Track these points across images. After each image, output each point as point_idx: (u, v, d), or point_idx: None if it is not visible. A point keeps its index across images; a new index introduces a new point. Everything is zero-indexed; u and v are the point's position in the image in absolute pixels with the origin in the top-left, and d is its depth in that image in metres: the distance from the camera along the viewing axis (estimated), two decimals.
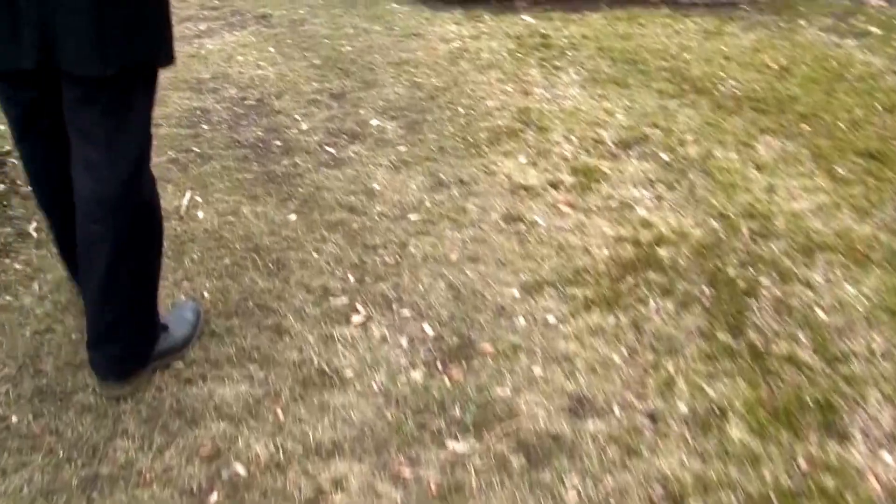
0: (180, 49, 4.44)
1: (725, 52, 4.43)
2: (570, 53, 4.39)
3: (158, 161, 3.11)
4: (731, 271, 2.54)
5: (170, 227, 2.63)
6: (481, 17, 4.93)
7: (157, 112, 2.56)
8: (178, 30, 4.69)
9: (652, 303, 2.39)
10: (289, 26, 4.69)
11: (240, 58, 4.21)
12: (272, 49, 4.33)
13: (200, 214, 2.76)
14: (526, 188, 3.01)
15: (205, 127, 3.45)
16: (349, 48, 4.35)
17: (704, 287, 2.47)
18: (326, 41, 4.45)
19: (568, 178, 3.09)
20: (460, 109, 3.64)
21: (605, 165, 3.21)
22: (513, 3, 5.23)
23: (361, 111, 3.60)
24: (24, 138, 1.87)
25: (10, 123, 1.86)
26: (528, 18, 4.97)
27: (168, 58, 1.78)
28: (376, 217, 2.77)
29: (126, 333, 1.94)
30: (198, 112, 3.58)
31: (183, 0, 5.18)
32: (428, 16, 4.89)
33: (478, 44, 4.46)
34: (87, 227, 1.81)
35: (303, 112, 3.59)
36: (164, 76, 2.18)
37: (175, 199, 2.84)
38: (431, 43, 4.45)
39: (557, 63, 4.26)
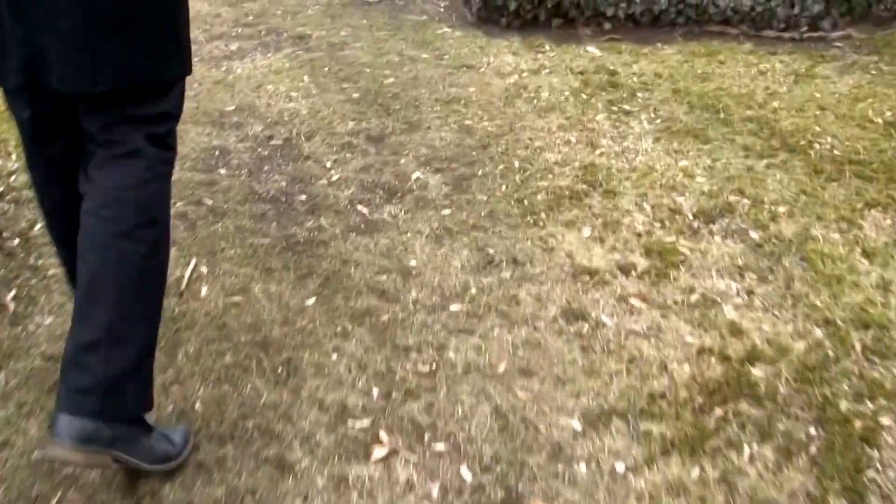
0: (206, 73, 4.10)
1: (819, 101, 3.92)
2: (641, 95, 3.92)
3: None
4: (844, 405, 2.07)
5: (168, 306, 2.23)
6: (542, 46, 4.49)
7: None
8: (206, 49, 4.35)
9: (746, 448, 1.93)
10: (327, 50, 4.29)
11: (270, 86, 3.82)
12: (307, 77, 3.93)
13: (204, 291, 2.36)
14: (591, 272, 2.56)
15: (222, 172, 3.06)
16: (392, 80, 3.94)
17: (811, 428, 2.00)
18: (367, 70, 4.04)
19: (640, 261, 2.64)
20: (515, 163, 3.20)
21: (683, 244, 2.75)
22: (576, 31, 4.77)
23: (402, 160, 3.18)
24: (50, 177, 1.81)
25: (36, 161, 1.80)
26: (593, 50, 4.51)
27: (184, 70, 1.73)
28: (411, 306, 2.34)
29: (126, 382, 1.66)
30: (217, 153, 3.19)
31: (217, 16, 4.81)
32: (482, 43, 4.46)
33: (537, 80, 4.02)
34: (103, 261, 1.70)
35: (335, 158, 3.18)
36: (185, 107, 1.82)
37: (178, 267, 2.45)
38: (485, 77, 4.01)
39: (627, 107, 3.80)
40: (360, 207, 2.84)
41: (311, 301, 2.33)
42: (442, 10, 5.00)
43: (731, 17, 4.78)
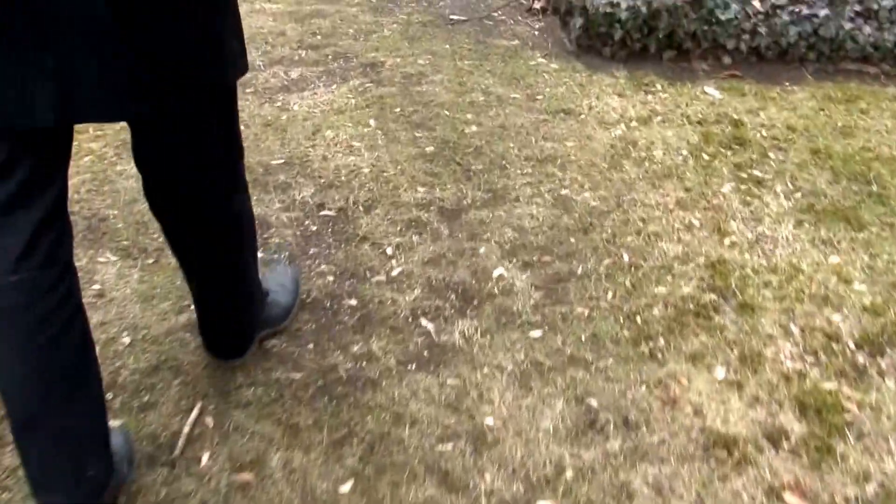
0: (257, 111, 3.53)
1: None
2: (774, 157, 3.21)
3: (176, 320, 2.16)
4: None
5: (154, 480, 1.66)
6: (652, 84, 3.78)
7: None
8: (263, 78, 3.76)
9: None
10: (401, 84, 3.67)
11: (329, 132, 3.24)
12: (373, 121, 3.33)
13: (205, 459, 1.78)
14: (728, 444, 1.90)
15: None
16: (475, 128, 3.30)
17: None
18: (446, 113, 3.42)
19: (793, 424, 1.97)
20: (625, 255, 2.55)
21: (848, 394, 2.07)
22: (691, 65, 4.04)
23: (481, 247, 2.55)
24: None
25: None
26: (712, 91, 3.78)
27: (239, 70, 1.60)
28: (483, 500, 1.71)
29: (238, 324, 2.03)
30: None
31: (280, 34, 4.24)
32: (583, 80, 3.78)
33: (648, 132, 3.33)
34: (195, 247, 1.81)
35: (398, 241, 2.58)
36: None
37: (176, 412, 1.88)
38: (586, 127, 3.34)
39: (758, 173, 3.09)
40: (424, 322, 2.23)
41: (345, 487, 1.72)
42: (536, 33, 4.34)
43: (870, 53, 3.99)
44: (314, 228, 2.66)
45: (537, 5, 4.63)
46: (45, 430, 1.43)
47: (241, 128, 1.84)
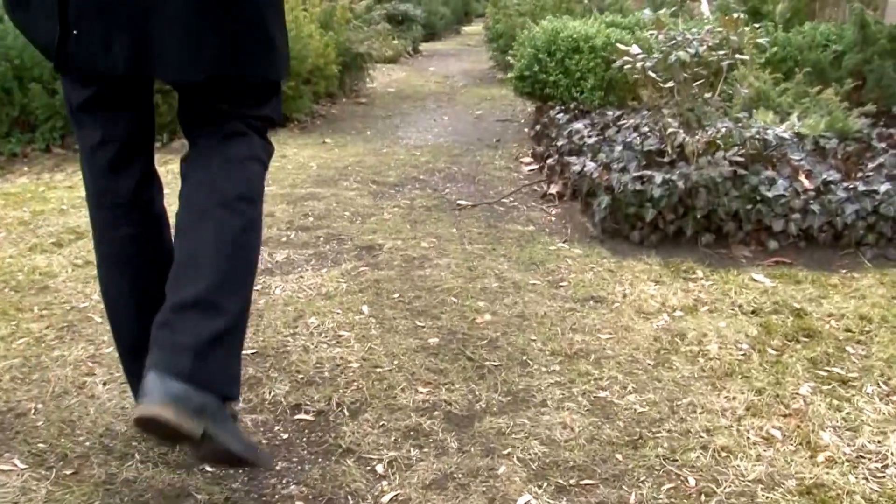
0: None
1: None
2: (853, 351, 2.67)
3: None
4: None
5: None
6: (691, 271, 3.31)
7: None
8: None
9: None
10: (400, 268, 3.22)
11: (313, 319, 2.73)
12: (366, 308, 2.83)
13: None
14: None
15: (205, 475, 1.88)
16: (488, 317, 2.80)
17: None
18: (453, 300, 2.93)
19: None
20: (689, 478, 1.95)
21: None
22: (730, 251, 3.59)
23: (500, 466, 1.97)
24: (103, 177, 1.84)
25: (91, 155, 1.82)
26: (762, 279, 3.30)
27: (284, 73, 1.80)
28: None
29: (219, 353, 1.66)
30: None
31: (269, 216, 3.85)
32: (612, 266, 3.32)
33: (697, 323, 2.81)
34: (204, 229, 1.72)
35: (391, 457, 1.99)
36: None
37: None
38: (622, 317, 2.84)
39: (840, 370, 2.54)
40: None
41: None
42: (553, 218, 3.95)
43: None
44: (285, 436, 2.09)
45: (553, 190, 4.28)
46: (146, 352, 1.59)
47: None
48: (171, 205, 1.87)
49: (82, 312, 2.82)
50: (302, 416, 2.19)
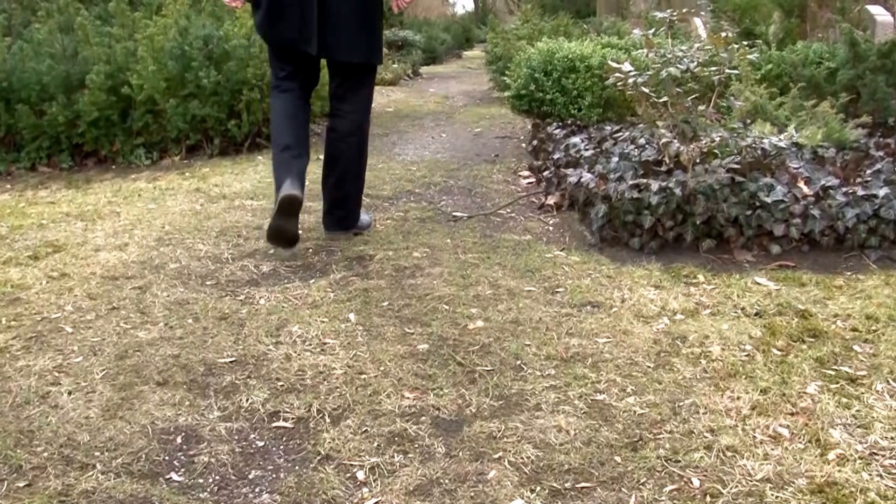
0: (214, 302, 2.90)
1: None
2: (861, 350, 2.51)
3: None
4: None
5: None
6: (693, 276, 3.15)
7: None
8: (229, 270, 3.13)
9: None
10: (391, 277, 3.06)
11: (296, 328, 2.58)
12: (353, 316, 2.68)
13: None
14: None
15: (173, 480, 1.72)
16: (481, 323, 2.64)
17: None
18: (445, 307, 2.77)
19: None
20: (693, 478, 1.79)
21: None
22: (733, 256, 3.43)
23: (491, 470, 1.80)
24: (293, 96, 3.42)
25: (285, 83, 3.42)
26: (765, 282, 3.14)
27: (380, 60, 3.51)
28: None
29: (348, 205, 3.55)
30: (178, 440, 1.91)
31: (257, 228, 3.71)
32: (610, 272, 3.16)
33: (699, 326, 2.65)
34: (337, 145, 3.47)
35: (373, 462, 1.83)
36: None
37: None
38: (621, 321, 2.67)
39: (848, 369, 2.38)
40: None
41: None
42: (551, 228, 3.79)
43: None
44: (260, 444, 1.93)
45: (551, 201, 4.13)
46: (290, 153, 3.29)
47: (190, 321, 2.66)
48: (165, 213, 1.71)
49: (53, 323, 2.67)
50: (280, 423, 2.03)
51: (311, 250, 3.42)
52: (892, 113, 5.15)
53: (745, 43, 4.16)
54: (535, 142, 5.34)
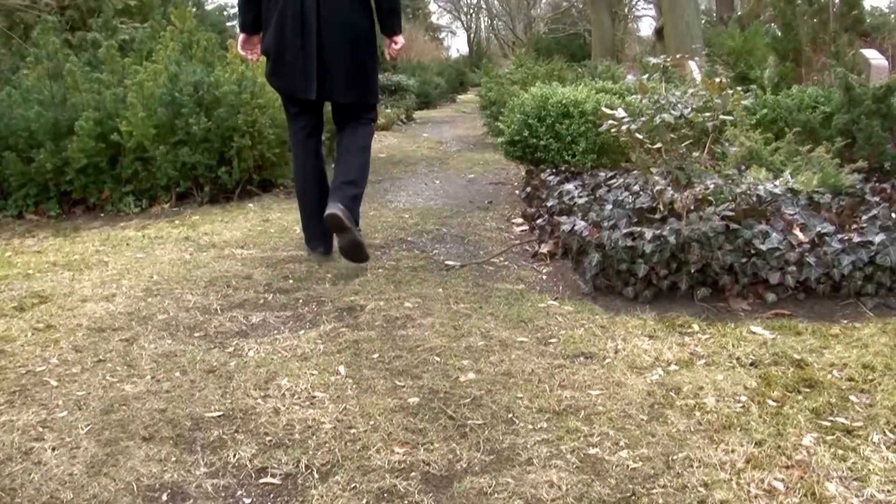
0: (202, 354, 2.92)
1: None
2: (857, 400, 2.54)
3: None
4: None
5: None
6: (687, 325, 3.19)
7: None
8: (218, 321, 3.17)
9: None
10: (381, 328, 3.09)
11: (286, 381, 2.60)
12: (343, 368, 2.70)
13: None
14: None
15: None
16: (472, 375, 2.67)
17: None
18: (436, 359, 2.80)
19: None
20: None
21: None
22: (728, 304, 3.47)
23: None
24: (306, 143, 4.07)
25: (298, 134, 4.08)
26: (760, 331, 3.18)
27: (377, 99, 4.17)
28: None
29: (355, 200, 3.92)
30: (164, 497, 1.90)
31: (246, 278, 3.74)
32: (604, 322, 3.20)
33: (693, 377, 2.68)
34: (348, 158, 3.97)
35: None
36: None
37: None
38: (614, 372, 2.70)
39: (844, 420, 2.40)
40: None
41: None
42: (544, 277, 3.84)
43: None
44: (247, 501, 1.94)
45: (544, 249, 4.18)
46: (314, 216, 3.98)
47: (177, 374, 2.70)
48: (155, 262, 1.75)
49: (38, 376, 2.69)
50: (268, 479, 2.04)
51: (300, 301, 3.45)
52: (888, 157, 5.23)
53: (740, 89, 4.24)
54: (528, 188, 5.41)
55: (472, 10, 43.74)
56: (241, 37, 4.18)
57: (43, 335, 3.10)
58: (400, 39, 4.13)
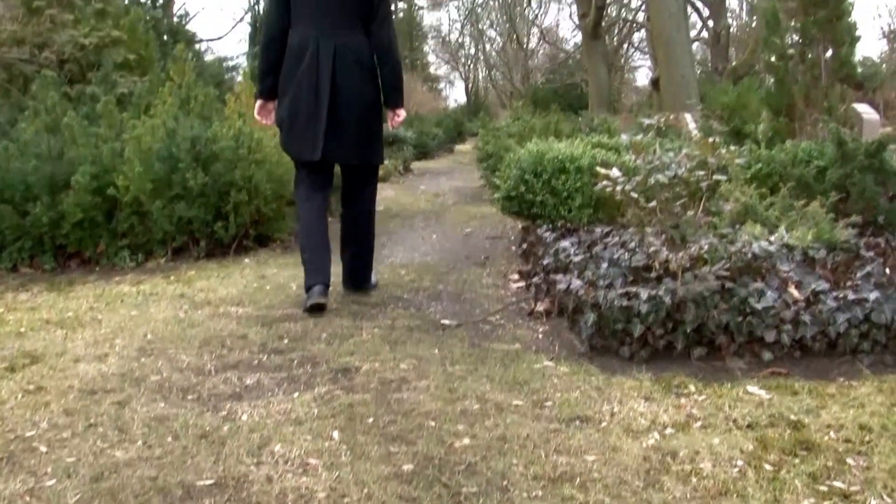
0: (194, 419, 2.89)
1: None
2: (854, 463, 2.54)
3: None
4: None
5: None
6: (683, 386, 3.19)
7: None
8: (211, 383, 3.15)
9: None
10: (376, 391, 3.10)
11: (279, 447, 2.59)
12: (337, 434, 2.70)
13: None
14: None
15: None
16: (467, 440, 2.66)
17: None
18: (431, 423, 2.79)
19: None
20: None
21: None
22: (724, 363, 3.48)
23: None
24: (313, 198, 4.36)
25: (305, 191, 4.38)
26: (757, 391, 3.18)
27: (382, 160, 4.58)
28: None
29: (361, 272, 4.58)
30: None
31: (241, 338, 3.75)
32: (599, 382, 3.20)
33: (689, 441, 2.68)
34: (349, 229, 4.47)
35: None
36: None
37: None
38: (610, 437, 2.70)
39: (841, 484, 2.41)
40: None
41: None
42: (540, 336, 3.85)
43: None
44: None
45: (540, 308, 4.19)
46: (317, 251, 4.25)
47: (169, 439, 2.66)
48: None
49: (27, 442, 2.68)
50: None
51: (295, 362, 3.45)
52: (882, 211, 5.29)
53: (734, 148, 4.29)
54: (524, 245, 5.44)
55: (469, 61, 44.39)
56: (257, 103, 4.43)
57: (33, 397, 3.09)
58: (402, 113, 4.52)
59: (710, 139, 4.08)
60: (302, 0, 4.18)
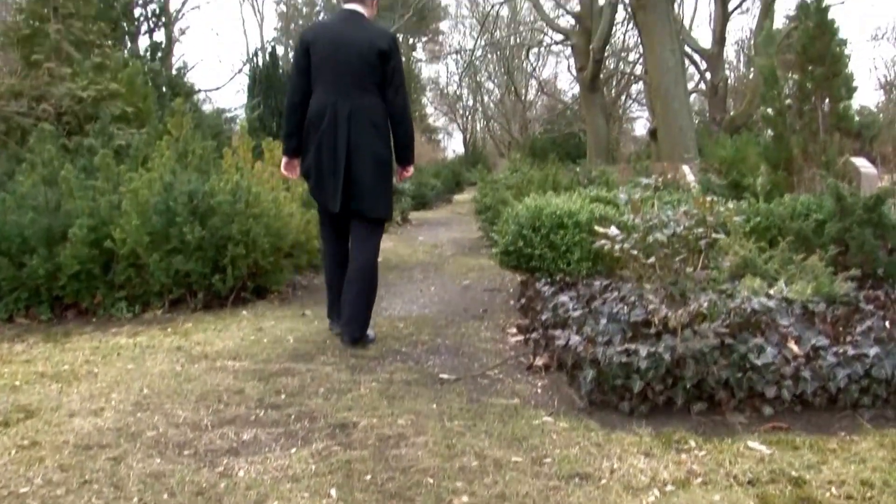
0: (191, 475, 2.88)
1: None
2: None
3: None
4: None
5: None
6: (683, 441, 3.20)
7: None
8: (208, 438, 3.17)
9: None
10: (374, 447, 3.10)
11: None
12: (334, 492, 2.71)
13: None
14: None
15: None
16: (465, 498, 2.67)
17: None
18: (429, 481, 2.80)
19: None
20: None
21: None
22: (724, 418, 3.49)
23: None
24: (334, 243, 4.93)
25: (327, 234, 4.97)
26: (757, 446, 3.19)
27: (390, 215, 5.04)
28: None
29: (359, 322, 4.73)
30: None
31: (238, 392, 3.76)
32: (599, 439, 3.21)
33: (689, 498, 2.69)
34: (351, 278, 4.72)
35: None
36: None
37: None
38: (610, 495, 2.71)
39: None
40: None
41: None
42: (539, 391, 3.86)
43: None
44: None
45: (539, 362, 4.21)
46: (333, 290, 4.93)
47: (165, 496, 2.60)
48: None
49: (20, 499, 2.68)
50: None
51: (292, 417, 3.46)
52: (881, 264, 5.34)
53: (732, 206, 4.36)
54: (523, 299, 5.47)
55: (468, 113, 44.85)
56: (284, 159, 4.92)
57: (28, 453, 3.10)
58: (411, 169, 5.13)
59: (709, 198, 4.14)
60: (322, 68, 4.65)
